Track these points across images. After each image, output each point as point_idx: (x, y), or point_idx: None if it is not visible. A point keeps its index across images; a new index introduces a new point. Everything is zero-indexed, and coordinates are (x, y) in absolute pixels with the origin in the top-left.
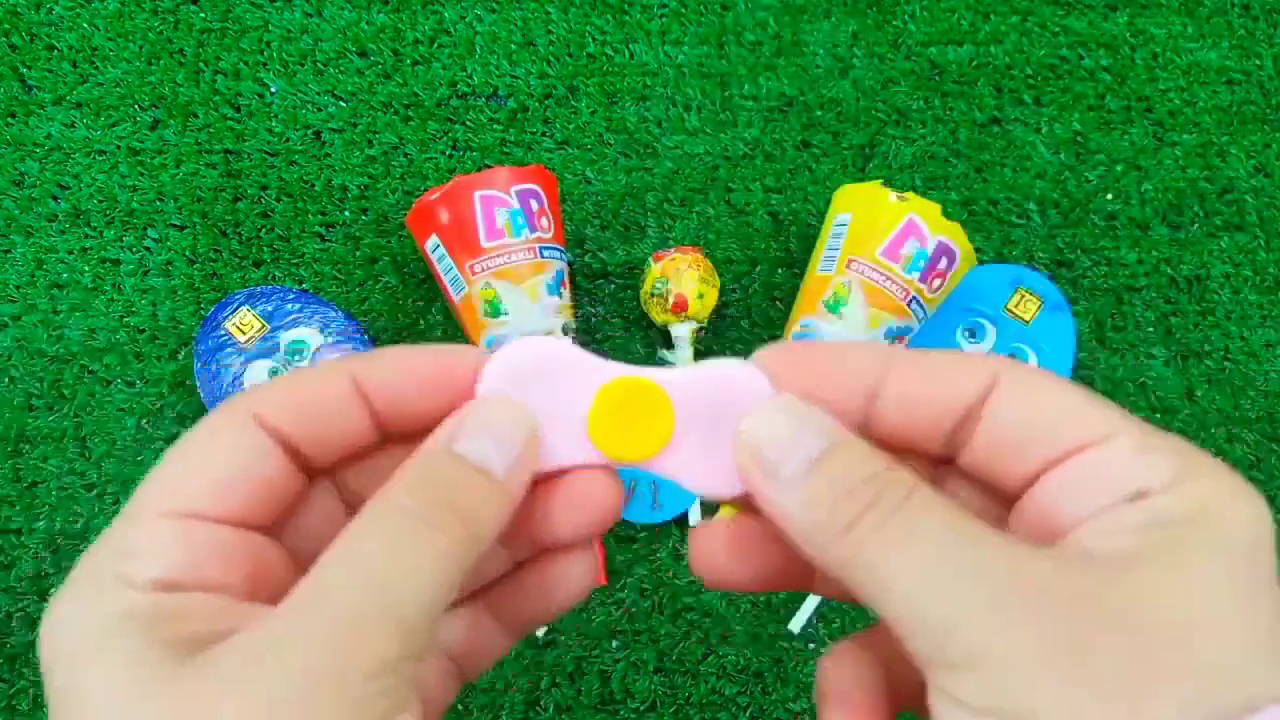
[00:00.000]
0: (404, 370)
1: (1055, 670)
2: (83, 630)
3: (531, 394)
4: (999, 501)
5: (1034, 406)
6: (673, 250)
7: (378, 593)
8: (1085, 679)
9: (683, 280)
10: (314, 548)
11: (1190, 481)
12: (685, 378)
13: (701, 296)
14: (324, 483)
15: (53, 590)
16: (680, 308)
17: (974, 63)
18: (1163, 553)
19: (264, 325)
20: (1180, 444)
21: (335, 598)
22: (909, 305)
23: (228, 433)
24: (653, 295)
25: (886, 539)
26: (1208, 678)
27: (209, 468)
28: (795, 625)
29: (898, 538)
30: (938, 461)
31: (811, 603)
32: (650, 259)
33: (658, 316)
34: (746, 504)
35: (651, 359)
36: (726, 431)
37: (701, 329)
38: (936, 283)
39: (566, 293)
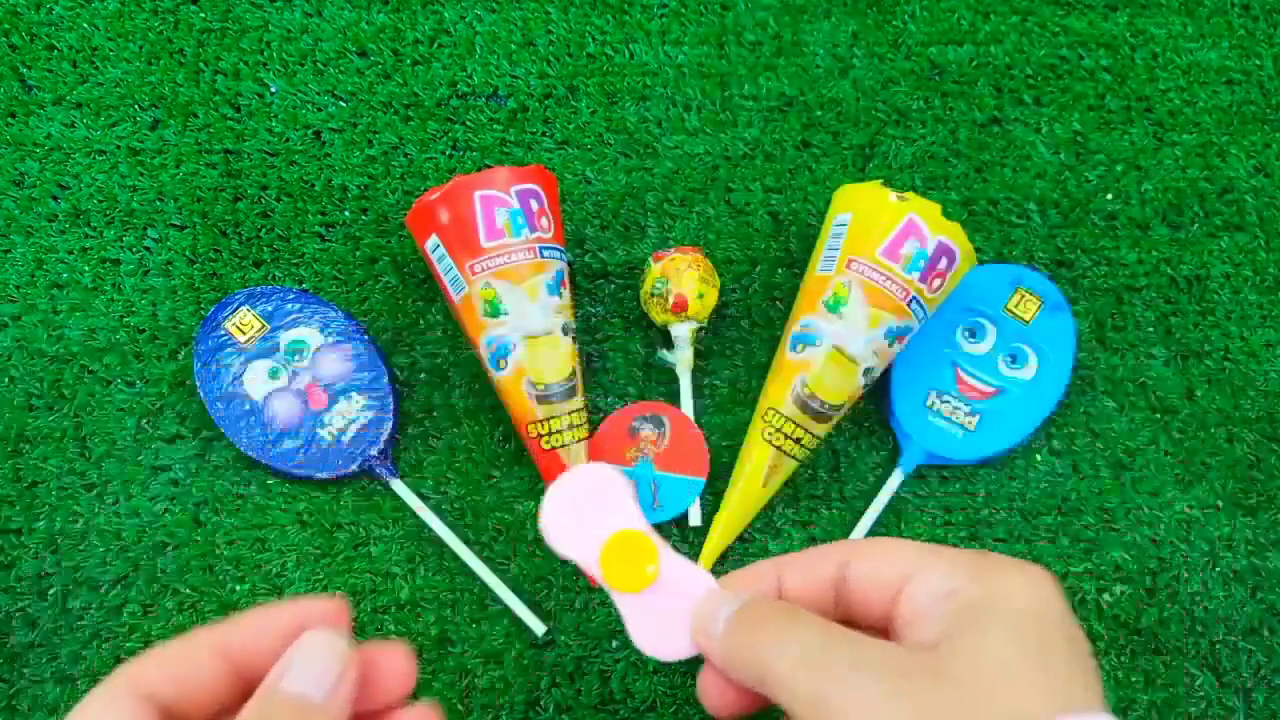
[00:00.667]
0: (261, 632)
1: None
2: None
3: (574, 517)
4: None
5: (872, 567)
6: (673, 250)
7: None
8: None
9: (683, 280)
10: None
11: (984, 576)
12: (672, 555)
13: (701, 296)
14: None
15: (52, 590)
16: (680, 308)
17: (974, 63)
18: (966, 627)
19: (264, 325)
20: (978, 556)
21: None
22: (909, 305)
23: (102, 705)
24: (653, 295)
25: (772, 640)
26: (1004, 710)
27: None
28: None
29: (780, 638)
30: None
31: None
32: (650, 259)
33: (658, 316)
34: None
35: (651, 359)
36: (685, 611)
37: (702, 329)
38: (936, 283)
39: (566, 293)
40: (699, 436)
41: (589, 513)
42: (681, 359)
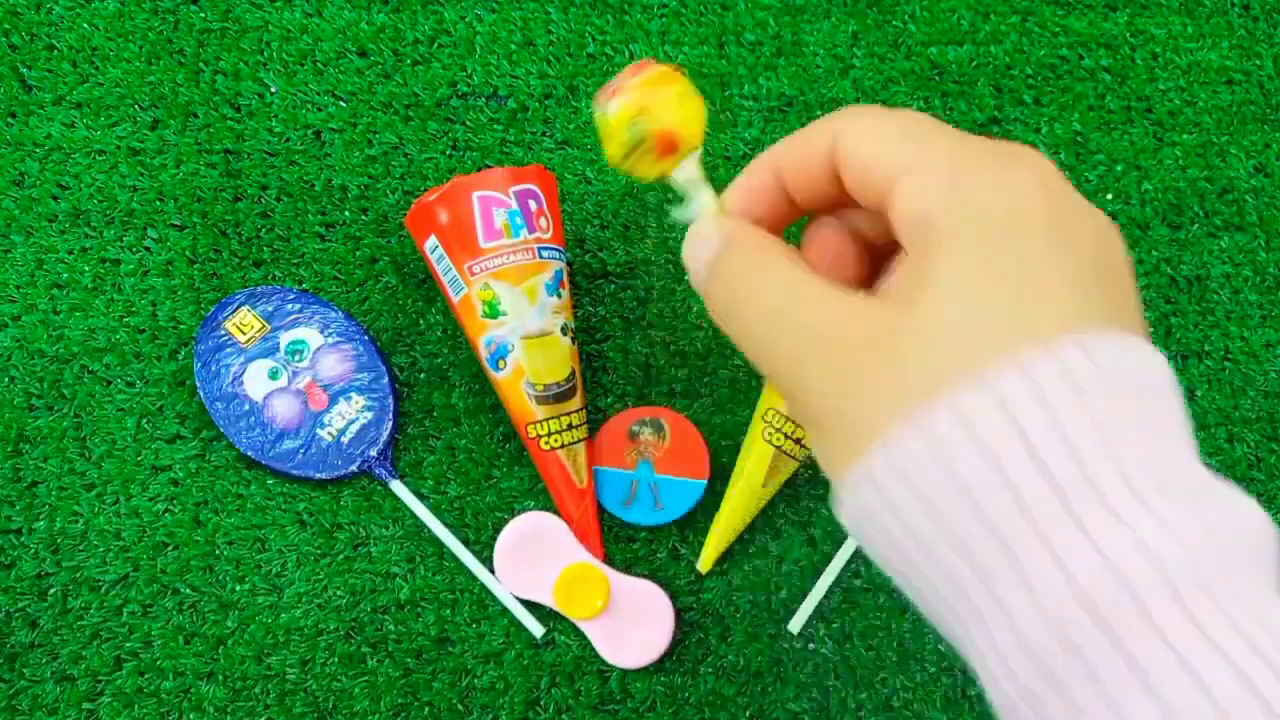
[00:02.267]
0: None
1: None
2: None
3: (524, 564)
4: None
5: (857, 155)
6: (625, 77)
7: None
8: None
9: (658, 107)
10: None
11: (961, 186)
12: (622, 577)
13: (687, 118)
14: None
15: (52, 590)
16: (669, 147)
17: (974, 63)
18: (920, 259)
19: (264, 325)
20: (963, 158)
21: None
22: None
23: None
24: (632, 149)
25: (740, 294)
26: (944, 355)
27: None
28: (795, 625)
29: (747, 292)
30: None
31: (811, 603)
32: (600, 106)
33: (649, 171)
34: None
35: (653, 359)
36: (641, 623)
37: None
38: None
39: (566, 293)
40: (699, 439)
41: (535, 557)
42: (704, 205)
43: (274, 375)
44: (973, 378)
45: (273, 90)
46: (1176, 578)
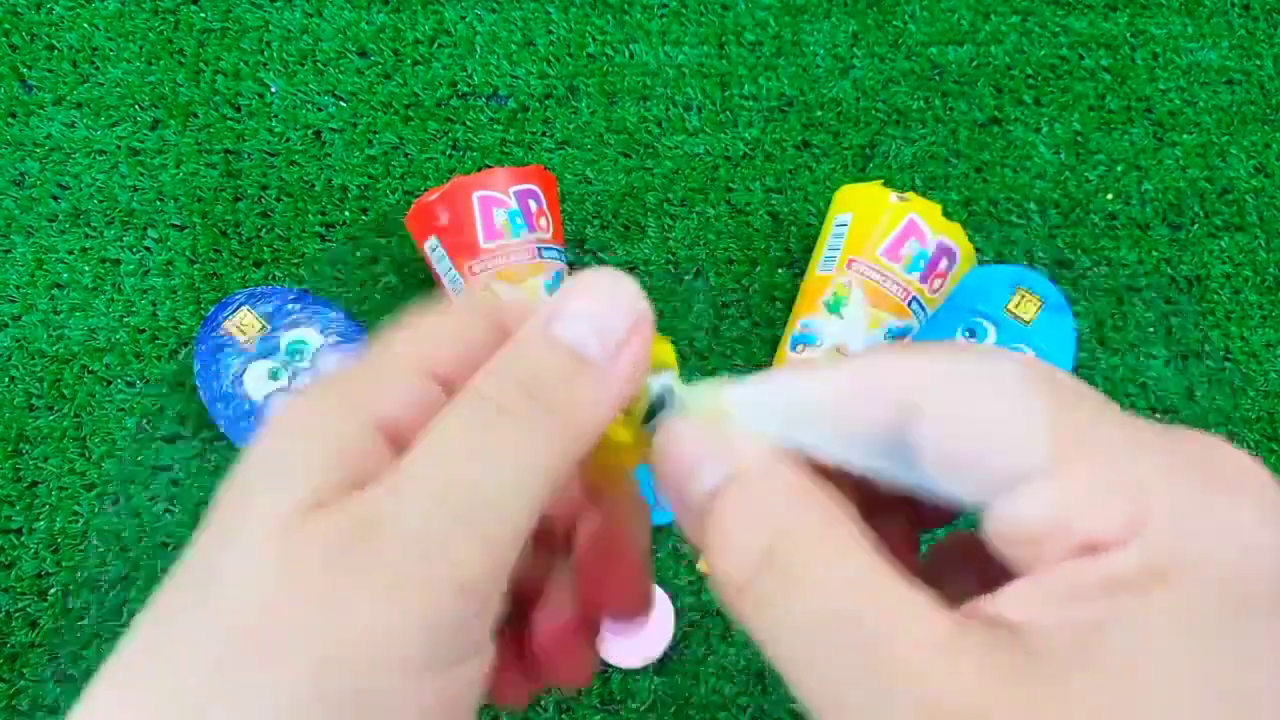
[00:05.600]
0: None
1: None
2: (303, 428)
3: None
4: None
5: (962, 431)
6: None
7: (458, 495)
8: None
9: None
10: None
11: (1151, 526)
12: None
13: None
14: None
15: (52, 590)
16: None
17: (974, 63)
18: (1114, 638)
19: (264, 325)
20: (1143, 463)
21: (417, 496)
22: (909, 305)
23: (465, 312)
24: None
25: (785, 599)
26: None
27: (449, 339)
28: None
29: (795, 578)
30: None
31: None
32: None
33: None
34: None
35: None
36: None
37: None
38: (937, 283)
39: None
40: None
41: None
42: (695, 402)
43: (274, 375)
44: None
45: (273, 90)
46: None
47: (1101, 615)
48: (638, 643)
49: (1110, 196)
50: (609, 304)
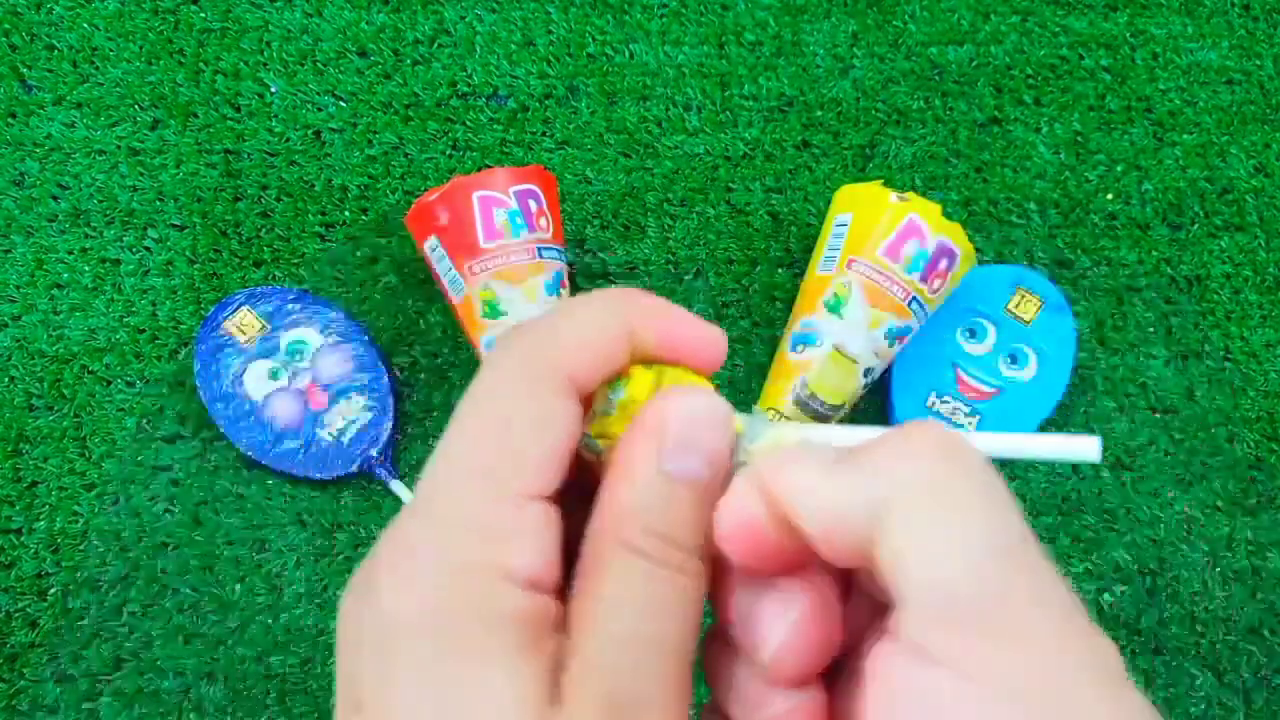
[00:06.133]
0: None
1: None
2: (457, 622)
3: None
4: None
5: (897, 573)
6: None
7: (651, 658)
8: None
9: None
10: None
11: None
12: None
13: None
14: None
15: (52, 590)
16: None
17: (974, 63)
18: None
19: (264, 325)
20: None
21: (620, 679)
22: (909, 305)
23: (551, 400)
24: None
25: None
26: None
27: (546, 440)
28: None
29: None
30: None
31: None
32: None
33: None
34: None
35: None
36: None
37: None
38: (937, 283)
39: (566, 293)
40: None
41: None
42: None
43: (274, 375)
44: None
45: (273, 90)
46: None
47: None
48: None
49: (1110, 196)
50: (706, 424)
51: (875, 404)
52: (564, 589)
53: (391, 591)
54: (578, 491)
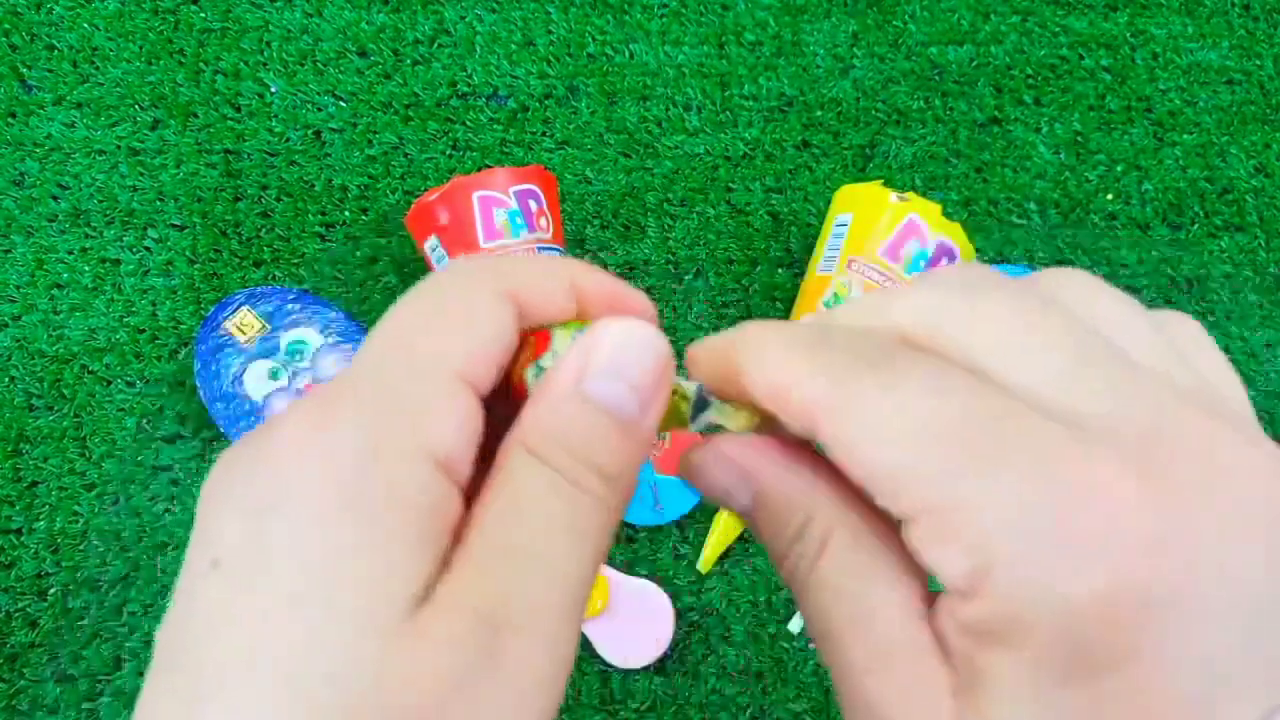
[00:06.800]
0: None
1: None
2: (357, 498)
3: None
4: None
5: (863, 466)
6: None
7: (549, 577)
8: None
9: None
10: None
11: (990, 583)
12: (622, 577)
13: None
14: None
15: (52, 590)
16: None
17: (974, 63)
18: (975, 690)
19: (264, 325)
20: (989, 522)
21: (518, 585)
22: None
23: (486, 302)
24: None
25: (814, 594)
26: None
27: (481, 335)
28: (795, 625)
29: (819, 594)
30: None
31: None
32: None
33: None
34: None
35: None
36: (642, 623)
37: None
38: None
39: None
40: (699, 439)
41: None
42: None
43: (274, 375)
44: None
45: (273, 90)
46: None
47: (969, 662)
48: (638, 643)
49: (1110, 196)
50: (636, 355)
51: None
52: (472, 494)
53: (295, 455)
54: (506, 413)
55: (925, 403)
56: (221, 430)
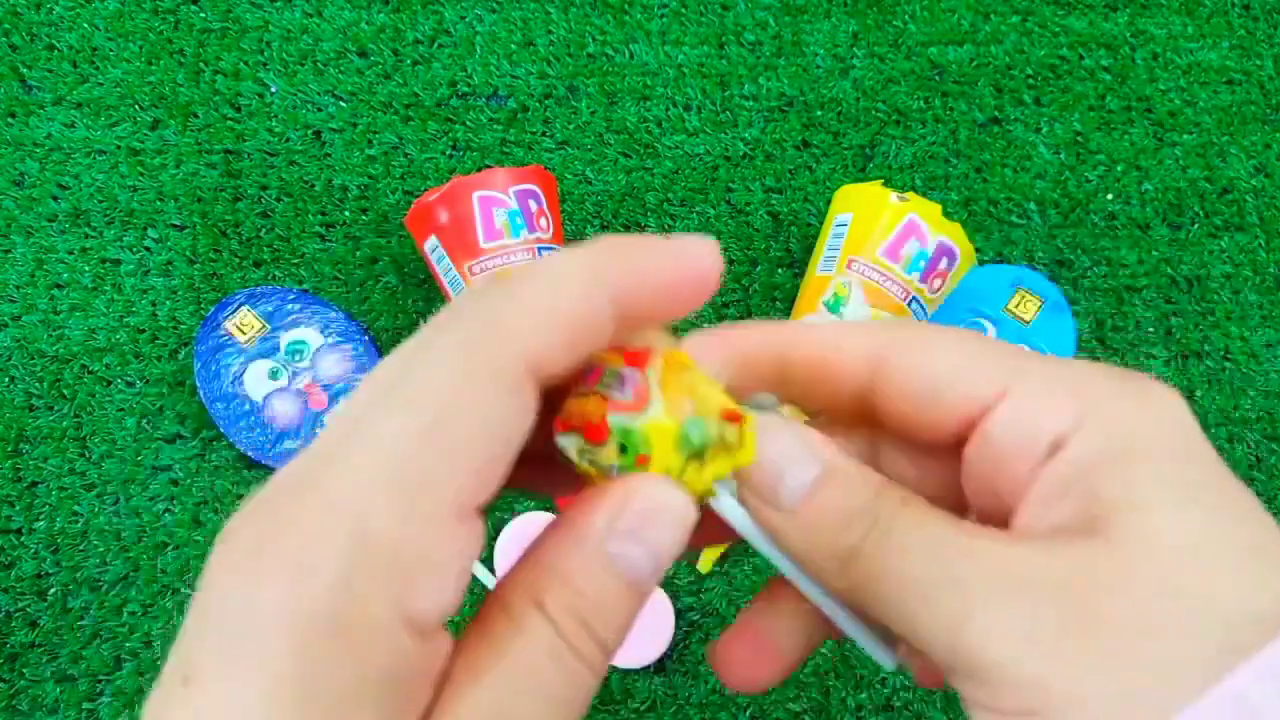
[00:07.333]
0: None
1: (1060, 667)
2: (331, 653)
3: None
4: (942, 455)
5: (923, 373)
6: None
7: None
8: (1090, 668)
9: (701, 388)
10: None
11: (1094, 416)
12: None
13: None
14: None
15: (52, 590)
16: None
17: (974, 63)
18: (1102, 513)
19: (264, 325)
20: (1077, 372)
21: None
22: (909, 305)
23: (497, 397)
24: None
25: (885, 563)
26: (1201, 626)
27: (484, 449)
28: None
29: (896, 558)
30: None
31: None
32: (624, 420)
33: (723, 468)
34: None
35: None
36: (642, 623)
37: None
38: (937, 283)
39: None
40: None
41: None
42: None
43: (274, 375)
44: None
45: (273, 90)
46: None
47: (1086, 505)
48: (638, 643)
49: (1110, 196)
50: (665, 525)
51: None
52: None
53: (276, 584)
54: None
55: None
56: (221, 430)
